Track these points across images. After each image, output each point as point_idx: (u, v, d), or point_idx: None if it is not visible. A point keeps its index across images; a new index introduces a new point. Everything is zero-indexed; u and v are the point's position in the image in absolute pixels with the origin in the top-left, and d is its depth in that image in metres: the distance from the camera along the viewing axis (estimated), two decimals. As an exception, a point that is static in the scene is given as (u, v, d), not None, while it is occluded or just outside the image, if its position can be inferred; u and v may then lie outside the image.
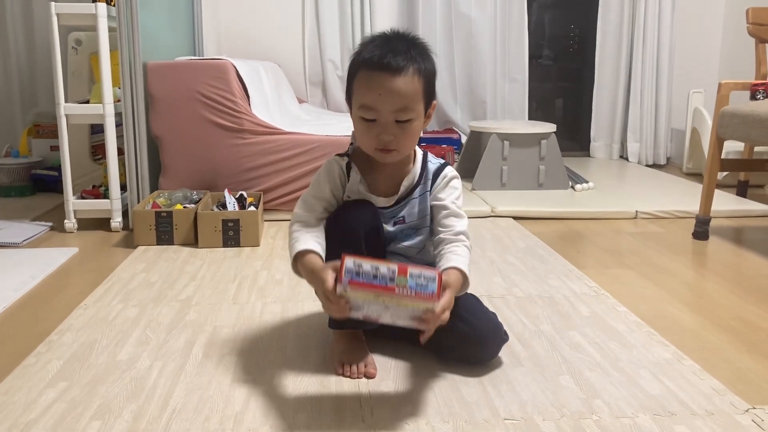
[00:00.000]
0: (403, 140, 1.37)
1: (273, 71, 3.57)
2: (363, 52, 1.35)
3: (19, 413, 1.26)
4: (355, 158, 1.47)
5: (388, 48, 1.33)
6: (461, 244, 1.41)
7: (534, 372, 1.45)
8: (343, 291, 1.18)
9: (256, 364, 1.48)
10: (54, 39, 2.49)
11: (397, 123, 1.34)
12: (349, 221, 1.40)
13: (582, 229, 2.76)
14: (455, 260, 1.36)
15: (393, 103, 1.32)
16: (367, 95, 1.33)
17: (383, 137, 1.34)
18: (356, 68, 1.36)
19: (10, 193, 3.29)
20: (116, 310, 1.81)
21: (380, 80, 1.32)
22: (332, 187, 1.46)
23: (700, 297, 1.97)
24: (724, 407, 1.31)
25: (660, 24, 4.31)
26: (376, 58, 1.32)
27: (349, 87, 1.39)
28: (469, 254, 1.41)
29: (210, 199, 2.65)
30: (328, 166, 1.48)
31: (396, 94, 1.32)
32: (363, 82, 1.34)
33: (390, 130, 1.34)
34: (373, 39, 1.38)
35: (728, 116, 2.46)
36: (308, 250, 1.36)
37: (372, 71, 1.32)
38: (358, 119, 1.37)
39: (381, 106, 1.33)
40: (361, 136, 1.38)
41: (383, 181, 1.46)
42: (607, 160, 4.53)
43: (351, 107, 1.40)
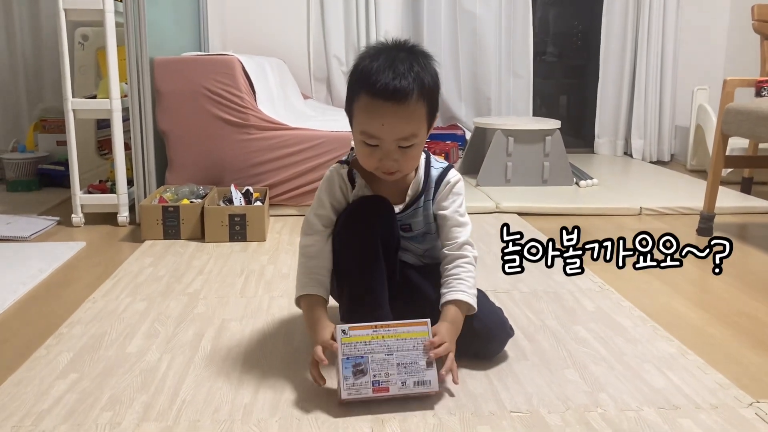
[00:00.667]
0: (406, 163, 1.35)
1: (278, 67, 3.58)
2: (363, 73, 1.29)
3: (31, 403, 1.28)
4: (356, 165, 1.45)
5: (391, 71, 1.26)
6: (464, 262, 1.43)
7: (539, 366, 1.47)
8: (342, 333, 1.27)
9: (264, 357, 1.50)
10: (61, 34, 2.51)
11: (400, 148, 1.32)
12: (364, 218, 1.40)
13: (586, 225, 2.77)
14: (455, 291, 1.39)
15: (396, 133, 1.29)
16: (369, 124, 1.29)
17: (385, 162, 1.33)
18: (357, 89, 1.31)
19: (16, 188, 3.31)
20: (124, 303, 1.82)
21: (383, 111, 1.27)
22: (332, 201, 1.44)
23: (705, 292, 1.98)
24: (728, 401, 1.32)
25: (665, 21, 4.31)
26: (380, 85, 1.26)
27: (350, 105, 1.35)
28: (472, 270, 1.43)
29: (216, 194, 2.67)
30: (328, 179, 1.45)
31: (400, 125, 1.29)
32: (364, 109, 1.29)
33: (393, 155, 1.32)
34: (374, 53, 1.32)
35: (733, 113, 2.47)
36: (313, 295, 1.40)
37: (374, 99, 1.27)
38: (360, 142, 1.33)
39: (384, 135, 1.29)
40: (363, 158, 1.36)
41: (387, 188, 1.45)
42: (611, 156, 4.54)
43: (351, 121, 1.37)
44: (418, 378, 1.28)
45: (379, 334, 1.29)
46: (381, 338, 1.28)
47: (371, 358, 1.27)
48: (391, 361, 1.28)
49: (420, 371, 1.28)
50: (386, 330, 1.29)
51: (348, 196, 1.45)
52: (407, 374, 1.28)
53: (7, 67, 3.91)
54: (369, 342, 1.28)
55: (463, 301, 1.38)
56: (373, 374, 1.27)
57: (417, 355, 1.29)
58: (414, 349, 1.29)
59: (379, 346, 1.28)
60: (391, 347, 1.29)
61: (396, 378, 1.27)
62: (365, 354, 1.27)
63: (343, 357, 1.27)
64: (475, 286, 1.43)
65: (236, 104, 2.76)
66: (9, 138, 3.74)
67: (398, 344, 1.29)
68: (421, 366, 1.28)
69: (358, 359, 1.27)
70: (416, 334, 1.29)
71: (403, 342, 1.29)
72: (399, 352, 1.28)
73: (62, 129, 3.12)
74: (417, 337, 1.29)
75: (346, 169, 1.45)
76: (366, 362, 1.27)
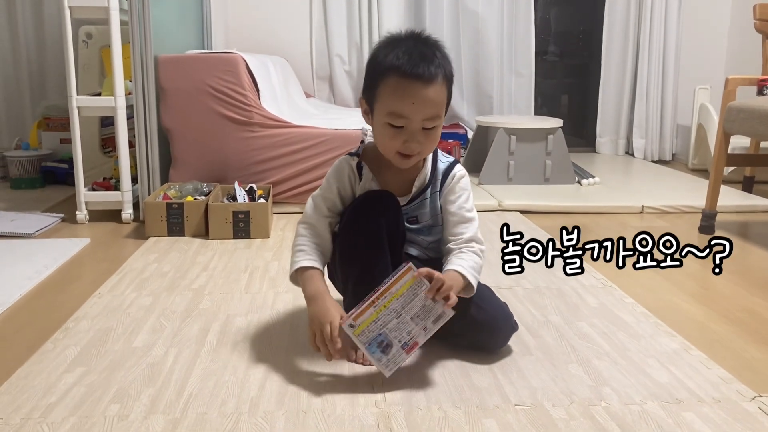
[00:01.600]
0: (428, 145, 1.40)
1: (281, 65, 3.59)
2: (389, 57, 1.34)
3: (39, 396, 1.29)
4: (365, 158, 1.48)
5: (418, 54, 1.32)
6: (467, 250, 1.45)
7: (543, 360, 1.48)
8: (351, 328, 1.32)
9: (269, 351, 1.51)
10: (66, 32, 2.52)
11: (423, 130, 1.36)
12: (370, 211, 1.42)
13: (588, 223, 2.78)
14: (454, 263, 1.42)
15: (425, 112, 1.34)
16: (398, 103, 1.33)
17: (410, 144, 1.36)
18: (383, 73, 1.35)
19: (20, 185, 3.32)
20: (130, 298, 1.83)
21: (413, 89, 1.32)
22: (339, 187, 1.47)
23: (707, 289, 1.99)
24: (731, 395, 1.33)
25: (666, 20, 4.32)
26: (409, 67, 1.31)
27: (373, 91, 1.38)
28: (475, 258, 1.45)
29: (220, 192, 2.68)
30: (337, 167, 1.48)
31: (429, 104, 1.34)
32: (394, 90, 1.33)
33: (417, 137, 1.36)
34: (395, 42, 1.37)
35: (735, 111, 2.47)
36: (312, 268, 1.41)
37: (404, 79, 1.32)
38: (384, 125, 1.36)
39: (413, 115, 1.34)
40: (386, 141, 1.38)
41: (395, 180, 1.47)
42: (613, 155, 4.54)
43: (372, 110, 1.40)
44: (434, 316, 1.33)
45: (379, 306, 1.31)
46: (384, 308, 1.31)
47: (387, 330, 1.32)
48: (404, 319, 1.32)
49: (431, 310, 1.33)
50: (383, 298, 1.31)
51: (355, 187, 1.47)
52: (424, 319, 1.32)
53: (11, 65, 3.92)
54: (377, 319, 1.31)
55: (459, 272, 1.39)
56: (398, 340, 1.32)
57: (420, 299, 1.32)
58: (415, 296, 1.32)
59: (386, 315, 1.32)
60: (397, 308, 1.32)
61: (416, 329, 1.32)
62: (381, 330, 1.32)
63: (366, 345, 1.32)
64: (476, 269, 1.43)
65: (240, 102, 2.77)
66: (13, 136, 3.76)
67: (401, 302, 1.32)
68: (429, 305, 1.32)
69: (379, 338, 1.31)
70: (408, 283, 1.32)
71: (403, 298, 1.32)
72: (405, 308, 1.32)
73: (66, 127, 3.15)
74: (411, 285, 1.32)
75: (355, 160, 1.47)
76: (385, 336, 1.32)
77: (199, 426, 1.19)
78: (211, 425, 1.20)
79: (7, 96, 3.95)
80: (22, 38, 3.90)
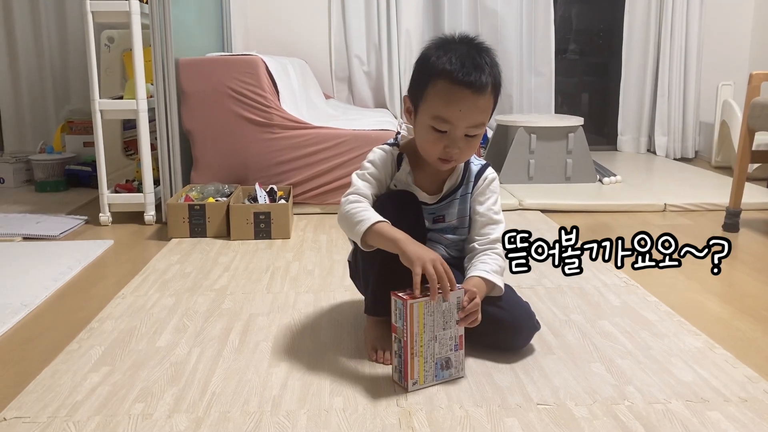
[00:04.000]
0: (467, 152, 1.41)
1: (300, 67, 3.61)
2: (442, 60, 1.34)
3: (65, 395, 1.31)
4: (405, 150, 1.49)
5: (471, 62, 1.33)
6: (491, 252, 1.46)
7: (565, 359, 1.47)
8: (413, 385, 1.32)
9: (291, 350, 1.51)
10: (89, 36, 2.55)
11: (466, 137, 1.37)
12: (391, 211, 1.41)
13: (610, 221, 2.76)
14: (478, 269, 1.42)
15: (470, 120, 1.35)
16: (446, 109, 1.34)
17: (450, 150, 1.37)
18: (434, 76, 1.35)
19: (45, 188, 3.37)
20: (153, 299, 1.85)
21: (462, 97, 1.33)
22: (384, 173, 1.48)
23: (731, 287, 1.97)
24: (757, 394, 1.31)
25: (688, 15, 4.28)
26: (462, 74, 1.31)
27: (420, 91, 1.38)
28: (498, 260, 1.45)
29: (241, 193, 2.69)
30: (382, 153, 1.48)
31: (476, 112, 1.35)
32: (443, 95, 1.34)
33: (459, 143, 1.37)
34: (447, 45, 1.37)
35: (759, 107, 2.44)
36: (382, 221, 1.35)
37: (455, 86, 1.32)
38: (428, 127, 1.37)
39: (458, 122, 1.34)
40: (428, 144, 1.39)
41: (428, 177, 1.49)
42: (635, 153, 4.50)
43: (416, 110, 1.40)
44: (453, 306, 1.32)
45: (418, 351, 1.30)
46: (422, 347, 1.30)
47: (437, 354, 1.33)
48: (440, 336, 1.32)
49: (449, 307, 1.31)
50: (416, 343, 1.30)
51: (392, 175, 1.48)
52: (451, 318, 1.32)
53: (35, 70, 3.98)
54: (425, 359, 1.31)
55: (483, 278, 1.40)
56: (448, 349, 1.33)
57: (438, 312, 1.31)
58: (434, 314, 1.30)
59: (428, 350, 1.31)
60: (430, 336, 1.31)
61: (452, 331, 1.33)
62: (435, 361, 1.33)
63: (434, 379, 1.34)
64: (501, 271, 1.45)
65: (260, 104, 2.79)
66: (37, 140, 3.81)
67: (428, 330, 1.30)
68: (445, 307, 1.31)
69: (436, 366, 1.33)
70: (420, 312, 1.29)
71: (427, 326, 1.30)
72: (434, 329, 1.31)
73: (89, 130, 3.18)
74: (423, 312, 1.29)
75: (396, 151, 1.49)
76: (439, 359, 1.33)
77: (221, 425, 1.20)
78: (233, 424, 1.21)
79: (32, 100, 4.01)
80: (46, 44, 3.96)
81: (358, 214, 1.37)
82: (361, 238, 1.36)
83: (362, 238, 1.36)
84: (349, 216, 1.38)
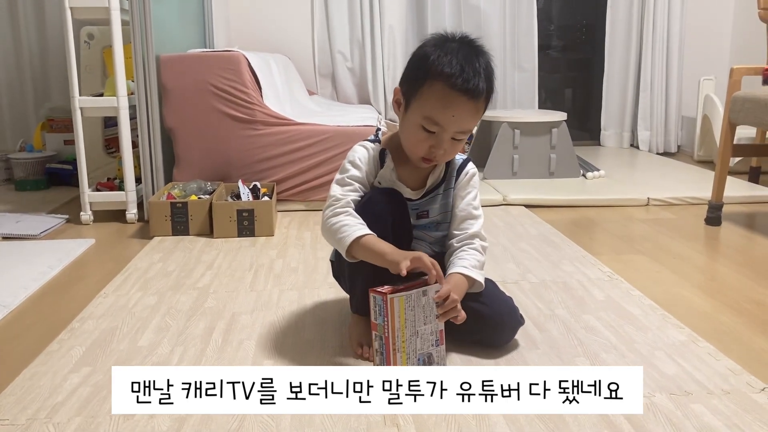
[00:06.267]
0: (451, 154, 1.41)
1: (283, 63, 3.59)
2: (442, 61, 1.31)
3: (45, 396, 1.29)
4: (387, 146, 1.48)
5: (471, 68, 1.31)
6: (469, 248, 1.45)
7: (550, 354, 1.47)
8: None
9: (275, 348, 1.50)
10: (68, 33, 2.51)
11: (452, 140, 1.36)
12: (378, 210, 1.40)
13: (594, 216, 2.77)
14: (457, 265, 1.41)
15: (461, 126, 1.35)
16: (439, 113, 1.33)
17: (435, 150, 1.36)
18: (432, 77, 1.32)
19: (25, 187, 3.33)
20: (135, 298, 1.83)
21: (458, 103, 1.32)
22: (367, 170, 1.46)
23: (714, 281, 1.98)
24: (740, 387, 1.32)
25: (670, 11, 4.30)
26: (461, 80, 1.30)
27: (415, 88, 1.35)
28: (477, 255, 1.45)
29: (224, 190, 2.67)
30: (362, 151, 1.46)
31: (468, 119, 1.34)
32: (438, 97, 1.32)
33: (444, 145, 1.36)
34: (447, 45, 1.34)
35: (740, 101, 2.46)
36: (367, 235, 1.35)
37: (453, 91, 1.31)
38: (417, 126, 1.36)
39: (449, 126, 1.34)
40: (414, 142, 1.38)
41: (411, 172, 1.48)
42: (618, 148, 4.53)
43: (407, 105, 1.38)
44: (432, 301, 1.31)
45: (400, 347, 1.29)
46: (404, 342, 1.29)
47: (419, 350, 1.32)
48: (421, 331, 1.31)
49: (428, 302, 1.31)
50: (398, 339, 1.28)
51: (375, 171, 1.46)
52: (431, 314, 1.32)
53: (14, 68, 3.93)
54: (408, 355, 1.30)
55: (463, 274, 1.39)
56: (429, 344, 1.32)
57: (419, 307, 1.30)
58: (414, 309, 1.29)
59: (410, 346, 1.30)
60: (412, 332, 1.30)
61: (432, 325, 1.32)
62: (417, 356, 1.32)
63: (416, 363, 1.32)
64: (480, 266, 1.44)
65: (242, 100, 2.77)
66: (17, 138, 3.76)
67: (409, 326, 1.30)
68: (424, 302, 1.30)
69: (419, 362, 1.32)
70: (401, 307, 1.28)
71: (408, 322, 1.29)
72: (415, 324, 1.30)
73: (69, 128, 3.14)
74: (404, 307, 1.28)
75: (378, 147, 1.47)
76: (421, 354, 1.32)
77: (204, 424, 1.19)
78: (216, 423, 1.19)
79: (11, 98, 3.95)
80: (25, 41, 3.91)
81: (342, 228, 1.36)
82: (347, 252, 1.36)
83: (348, 252, 1.36)
84: (333, 230, 1.37)
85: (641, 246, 2.30)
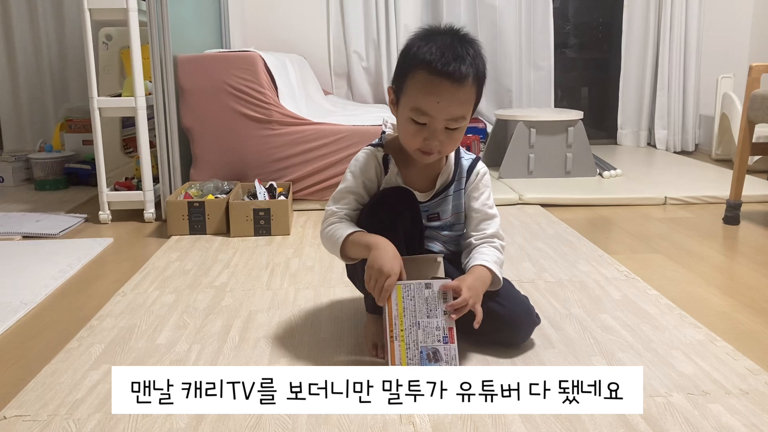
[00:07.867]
0: (449, 145, 1.38)
1: (299, 63, 3.60)
2: (422, 50, 1.31)
3: (65, 393, 1.31)
4: (390, 150, 1.46)
5: (452, 52, 1.29)
6: (489, 246, 1.46)
7: (566, 353, 1.46)
8: None
9: (291, 347, 1.51)
10: (86, 34, 2.54)
11: (446, 129, 1.34)
12: (389, 212, 1.40)
13: (611, 215, 2.75)
14: (479, 259, 1.42)
15: (449, 112, 1.31)
16: (424, 100, 1.31)
17: (430, 142, 1.34)
18: (413, 67, 1.32)
19: (44, 187, 3.36)
20: (153, 296, 1.85)
21: (441, 88, 1.29)
22: (365, 180, 1.45)
23: (732, 280, 1.96)
24: (759, 387, 1.31)
25: (687, 8, 4.26)
26: (440, 64, 1.28)
27: (401, 83, 1.36)
28: (497, 253, 1.45)
29: (241, 190, 2.69)
30: (364, 160, 1.46)
31: (454, 104, 1.31)
32: (421, 86, 1.31)
33: (438, 136, 1.34)
34: (431, 35, 1.34)
35: (759, 99, 2.43)
36: (356, 231, 1.37)
37: (433, 76, 1.29)
38: (408, 119, 1.35)
39: (436, 113, 1.31)
40: (407, 136, 1.37)
41: (418, 175, 1.47)
42: (635, 147, 4.50)
43: (398, 102, 1.38)
44: (439, 295, 1.32)
45: (399, 335, 1.30)
46: (403, 332, 1.30)
47: (422, 343, 1.31)
48: (424, 323, 1.31)
49: (434, 296, 1.32)
50: (396, 327, 1.30)
51: (381, 179, 1.46)
52: (436, 307, 1.31)
53: (34, 69, 3.98)
54: (407, 346, 1.30)
55: (486, 266, 1.39)
56: (436, 340, 1.31)
57: (420, 297, 1.31)
58: (414, 299, 1.31)
59: (410, 336, 1.30)
60: (412, 322, 1.31)
61: (440, 320, 1.31)
62: (419, 348, 1.31)
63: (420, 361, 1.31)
64: (500, 263, 1.44)
65: (259, 100, 2.78)
66: (36, 138, 3.81)
67: (409, 315, 1.31)
68: (428, 294, 1.32)
69: (422, 355, 1.30)
70: (399, 296, 1.30)
71: (407, 311, 1.31)
72: (416, 315, 1.31)
73: (88, 128, 3.18)
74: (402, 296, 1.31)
75: (381, 153, 1.46)
76: (424, 348, 1.31)
77: (222, 422, 1.20)
78: (234, 421, 1.20)
79: (30, 99, 4.00)
80: (44, 42, 3.96)
81: (334, 232, 1.40)
82: (341, 252, 1.39)
83: (342, 252, 1.39)
84: (328, 237, 1.42)
85: (658, 245, 2.29)
